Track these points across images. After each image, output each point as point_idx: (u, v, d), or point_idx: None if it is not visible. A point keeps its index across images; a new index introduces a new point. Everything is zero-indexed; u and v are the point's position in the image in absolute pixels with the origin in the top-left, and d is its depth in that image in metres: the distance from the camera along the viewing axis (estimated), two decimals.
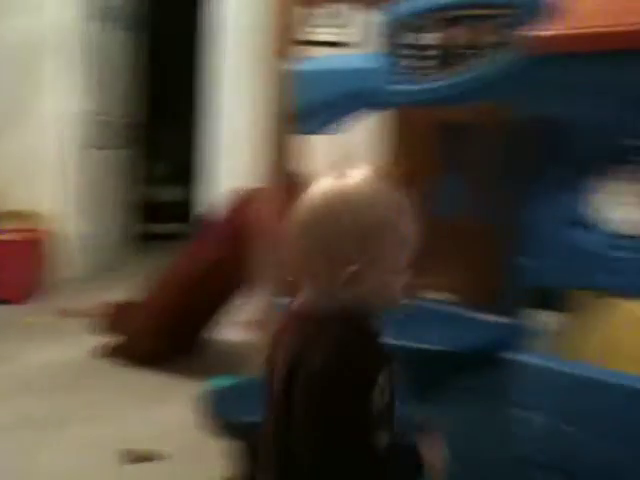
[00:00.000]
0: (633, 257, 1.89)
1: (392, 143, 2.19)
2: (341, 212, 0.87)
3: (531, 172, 2.05)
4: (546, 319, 2.34)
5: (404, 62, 1.40)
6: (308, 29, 3.42)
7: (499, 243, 2.27)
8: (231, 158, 3.53)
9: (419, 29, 1.35)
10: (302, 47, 1.82)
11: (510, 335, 1.53)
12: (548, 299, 2.21)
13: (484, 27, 1.25)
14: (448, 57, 1.30)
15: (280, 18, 1.75)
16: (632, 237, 1.86)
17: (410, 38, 1.38)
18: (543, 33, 1.20)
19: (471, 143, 2.09)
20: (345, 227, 0.87)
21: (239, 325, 2.68)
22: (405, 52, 1.39)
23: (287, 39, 1.76)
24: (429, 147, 2.15)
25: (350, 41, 3.44)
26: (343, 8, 3.40)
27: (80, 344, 2.92)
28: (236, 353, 2.56)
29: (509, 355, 1.35)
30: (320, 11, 3.46)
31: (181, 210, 5.38)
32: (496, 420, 1.33)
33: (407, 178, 2.15)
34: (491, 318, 1.51)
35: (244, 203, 2.28)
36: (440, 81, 1.32)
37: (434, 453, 0.96)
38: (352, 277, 0.86)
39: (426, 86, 1.35)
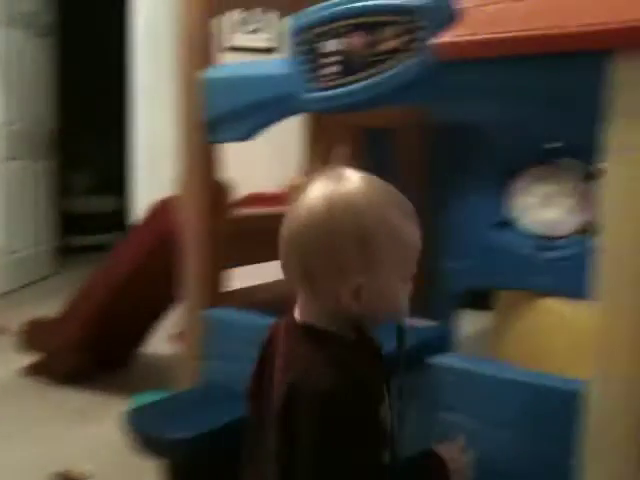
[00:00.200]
0: (557, 257, 1.96)
1: (309, 149, 2.20)
2: (342, 218, 0.82)
3: (454, 175, 2.10)
4: (475, 320, 2.40)
5: (310, 69, 1.40)
6: (227, 36, 3.41)
7: (425, 247, 2.31)
8: (156, 167, 3.47)
9: (323, 36, 1.35)
10: (220, 54, 1.80)
11: (437, 338, 1.55)
12: (476, 300, 2.26)
13: (387, 34, 1.26)
14: (351, 64, 1.31)
15: (193, 26, 1.72)
16: (555, 238, 1.93)
17: (315, 45, 1.38)
18: (446, 39, 1.22)
19: (392, 147, 2.12)
20: (347, 234, 0.82)
21: (168, 337, 2.63)
22: (311, 59, 1.39)
23: (201, 47, 1.74)
24: (350, 152, 2.17)
25: (269, 47, 3.44)
26: (261, 14, 3.39)
27: (5, 362, 2.81)
28: (164, 367, 2.52)
29: (435, 359, 1.37)
30: (239, 17, 3.44)
31: (109, 221, 5.26)
32: (423, 424, 1.34)
33: None
34: (417, 322, 1.53)
35: (164, 211, 2.24)
36: (343, 88, 1.32)
37: (456, 459, 0.92)
38: (358, 287, 0.82)
39: (330, 93, 1.35)
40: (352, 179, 0.86)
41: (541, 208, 1.97)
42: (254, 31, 3.54)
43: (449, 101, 1.28)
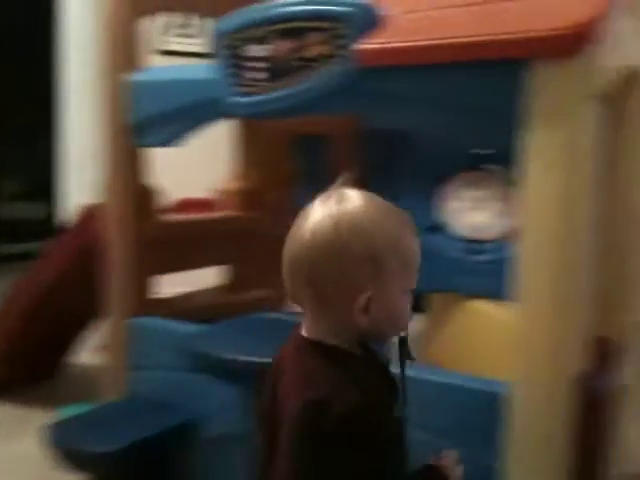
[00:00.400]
0: (486, 260, 1.99)
1: (240, 155, 2.18)
2: (350, 237, 0.82)
3: (387, 180, 2.11)
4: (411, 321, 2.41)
5: (235, 74, 1.38)
6: (161, 39, 3.35)
7: None
8: (86, 172, 3.38)
9: (248, 41, 1.34)
10: (153, 57, 1.77)
11: None
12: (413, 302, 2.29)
13: (312, 39, 1.26)
14: (277, 70, 1.30)
15: (117, 27, 1.68)
16: (484, 241, 1.96)
17: (240, 50, 1.37)
18: (369, 46, 1.22)
19: (326, 153, 2.12)
20: (355, 252, 0.82)
21: (95, 348, 2.56)
22: (236, 64, 1.38)
23: (126, 49, 1.70)
24: (281, 159, 2.16)
25: (202, 51, 3.41)
26: (195, 18, 3.35)
27: None
28: (91, 378, 2.44)
29: None
30: (173, 21, 3.39)
31: (38, 228, 5.09)
32: None
33: (258, 191, 2.15)
34: None
35: (90, 217, 2.17)
36: (270, 94, 1.32)
37: (454, 473, 0.92)
38: (367, 301, 0.82)
39: (257, 99, 1.34)
40: (353, 198, 0.86)
41: (470, 212, 2.00)
42: (191, 35, 3.49)
43: (373, 108, 1.29)
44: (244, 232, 2.07)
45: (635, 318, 1.47)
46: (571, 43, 1.06)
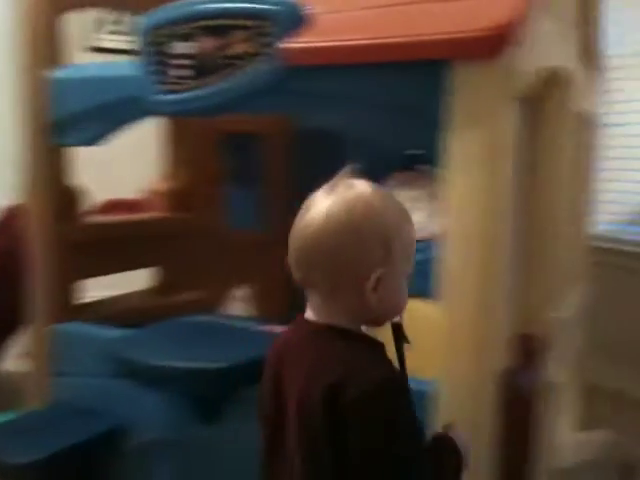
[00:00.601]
0: (420, 259, 2.00)
1: (169, 154, 2.13)
2: (363, 220, 0.84)
3: (320, 181, 2.10)
4: None
5: (160, 71, 1.35)
6: (94, 36, 3.26)
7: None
8: (4, 173, 3.25)
9: (173, 37, 1.31)
10: (81, 54, 1.71)
11: None
12: None
13: (237, 37, 1.24)
14: (202, 67, 1.28)
15: (37, 22, 1.62)
16: (418, 241, 1.97)
17: (164, 46, 1.33)
18: (295, 45, 1.21)
19: (258, 152, 2.10)
20: (369, 235, 0.84)
21: (18, 355, 2.47)
22: (160, 61, 1.35)
23: (47, 45, 1.64)
24: (211, 158, 2.13)
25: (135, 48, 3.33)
26: (127, 15, 3.27)
27: None
28: (16, 386, 2.35)
29: None
30: (106, 18, 3.31)
31: None
32: None
33: (187, 191, 2.11)
34: (278, 330, 1.51)
35: (12, 220, 2.09)
36: (195, 92, 1.29)
37: (463, 444, 0.94)
38: (378, 280, 0.84)
39: (182, 96, 1.31)
40: (361, 185, 0.89)
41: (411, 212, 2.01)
42: (124, 32, 3.40)
43: (299, 107, 1.27)
44: (173, 233, 2.03)
45: (558, 315, 1.51)
46: (490, 44, 1.07)
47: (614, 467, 1.84)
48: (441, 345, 1.17)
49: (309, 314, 0.90)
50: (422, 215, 1.99)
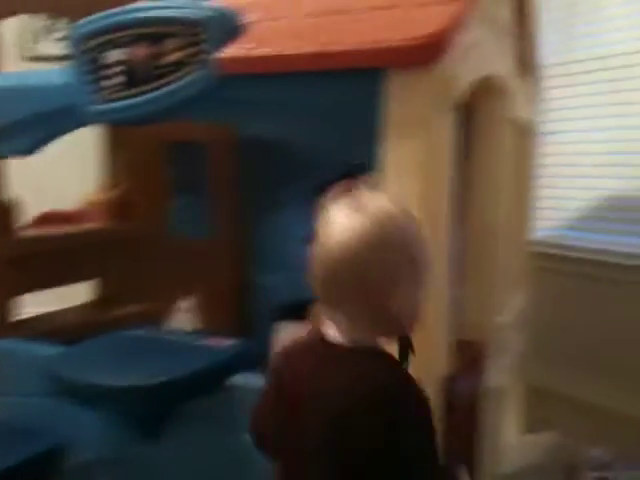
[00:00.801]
0: None
1: (109, 164, 2.09)
2: (391, 239, 0.84)
3: (267, 190, 2.09)
4: (294, 332, 2.40)
5: (93, 79, 1.32)
6: (30, 43, 3.18)
7: (240, 262, 2.29)
8: None
9: (105, 45, 1.28)
10: (19, 63, 1.66)
11: (241, 357, 1.51)
12: (294, 312, 2.27)
13: (171, 45, 1.22)
14: (135, 76, 1.25)
15: None
16: None
17: (97, 55, 1.31)
18: (229, 53, 1.20)
19: (203, 162, 2.07)
20: (400, 249, 0.84)
21: None
22: (93, 69, 1.32)
23: None
24: (153, 166, 2.09)
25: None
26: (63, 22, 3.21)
27: None
28: None
29: (232, 379, 1.34)
30: (45, 25, 3.24)
31: None
32: (230, 447, 1.30)
33: (129, 201, 2.07)
34: (222, 342, 1.49)
35: None
36: (128, 100, 1.26)
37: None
38: (404, 296, 0.84)
39: (116, 105, 1.28)
40: (379, 199, 0.88)
41: None
42: (59, 40, 3.34)
43: (235, 116, 1.26)
44: (113, 244, 1.98)
45: (499, 320, 1.52)
46: (424, 53, 1.07)
47: (560, 469, 1.87)
48: None
49: (331, 333, 0.89)
50: None
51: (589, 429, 2.02)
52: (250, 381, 1.30)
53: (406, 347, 0.95)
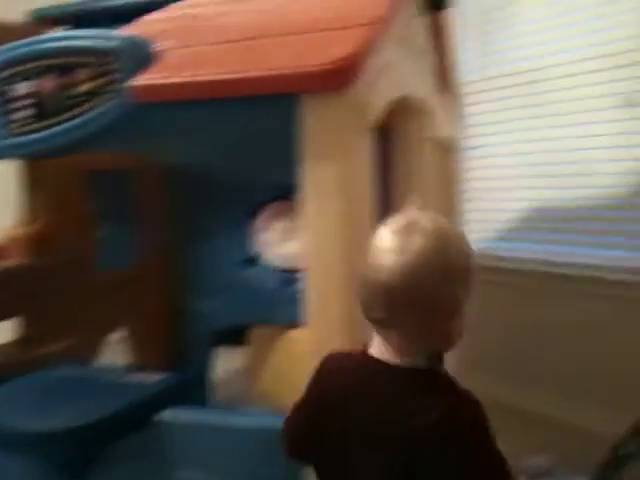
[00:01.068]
0: (300, 289, 1.99)
1: (29, 197, 2.02)
2: (451, 261, 0.84)
3: (199, 215, 2.06)
4: (232, 358, 2.37)
5: (4, 113, 1.28)
6: None
7: (173, 289, 2.24)
8: None
9: (13, 78, 1.25)
10: None
11: (171, 391, 1.47)
12: (232, 337, 2.24)
13: (82, 75, 1.19)
14: (44, 108, 1.22)
15: None
16: (296, 271, 1.96)
17: (7, 88, 1.27)
18: (142, 81, 1.18)
19: (130, 189, 2.03)
20: (456, 274, 0.85)
21: None
22: (4, 103, 1.28)
23: None
24: (75, 198, 2.03)
25: None
26: None
27: None
28: None
29: (160, 415, 1.30)
30: None
31: None
32: None
33: (49, 234, 2.00)
34: (150, 377, 1.45)
35: None
36: (39, 133, 1.23)
37: None
38: (459, 320, 0.86)
39: (23, 139, 1.25)
40: (434, 221, 0.89)
41: (281, 243, 2.01)
42: None
43: (150, 145, 1.24)
44: (35, 280, 1.91)
45: None
46: (335, 78, 1.08)
47: None
48: (306, 372, 1.16)
49: (384, 354, 0.89)
50: (296, 246, 1.99)
51: (529, 437, 2.05)
52: (180, 416, 1.27)
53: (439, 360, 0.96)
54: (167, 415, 1.30)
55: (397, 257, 0.84)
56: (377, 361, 0.90)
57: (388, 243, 0.86)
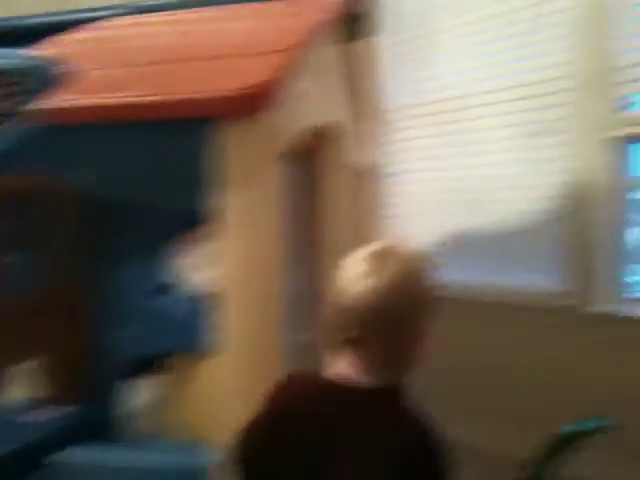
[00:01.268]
0: (210, 316, 1.95)
1: None
2: (421, 288, 0.91)
3: (110, 245, 1.99)
4: (149, 388, 2.30)
5: None
6: None
7: (84, 320, 2.15)
8: None
9: None
10: None
11: (70, 429, 1.41)
12: (148, 367, 2.17)
13: None
14: None
15: None
16: (208, 296, 1.92)
17: None
18: (49, 104, 1.15)
19: (40, 215, 1.95)
20: (425, 299, 0.91)
21: None
22: None
23: None
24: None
25: None
26: None
27: None
28: None
29: (61, 455, 1.25)
30: None
31: None
32: None
33: None
34: (51, 414, 1.38)
35: None
36: None
37: None
38: (418, 344, 0.91)
39: None
40: (396, 244, 0.95)
41: (198, 269, 1.97)
42: None
43: (60, 167, 1.20)
44: None
45: None
46: (248, 104, 1.08)
47: None
48: (221, 399, 1.14)
49: (350, 375, 0.91)
50: (213, 271, 1.96)
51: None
52: (77, 456, 1.22)
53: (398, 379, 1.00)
54: (63, 456, 1.24)
55: (372, 279, 0.90)
56: (340, 381, 0.92)
57: (363, 267, 0.91)
